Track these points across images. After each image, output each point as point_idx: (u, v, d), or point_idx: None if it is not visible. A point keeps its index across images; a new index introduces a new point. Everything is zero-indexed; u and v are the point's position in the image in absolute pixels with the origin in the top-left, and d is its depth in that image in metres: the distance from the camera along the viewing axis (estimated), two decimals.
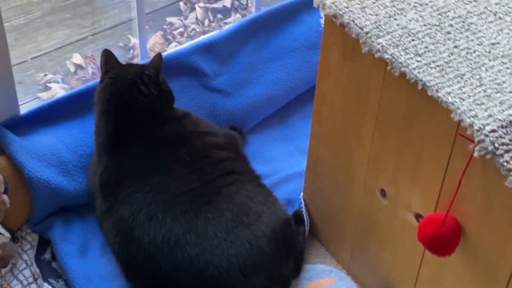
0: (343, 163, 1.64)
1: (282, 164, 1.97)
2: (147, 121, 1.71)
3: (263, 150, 2.01)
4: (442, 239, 1.35)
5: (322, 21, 1.52)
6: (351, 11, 1.46)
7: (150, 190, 1.63)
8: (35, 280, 1.71)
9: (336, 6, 1.47)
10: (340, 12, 1.46)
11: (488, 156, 1.23)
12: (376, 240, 1.63)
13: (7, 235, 1.70)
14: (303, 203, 1.82)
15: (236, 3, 2.55)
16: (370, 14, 1.45)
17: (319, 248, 1.82)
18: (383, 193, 1.55)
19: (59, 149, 1.81)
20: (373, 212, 1.60)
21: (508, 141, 1.23)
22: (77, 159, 1.82)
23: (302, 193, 1.83)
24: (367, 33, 1.41)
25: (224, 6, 2.54)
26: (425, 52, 1.38)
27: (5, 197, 1.66)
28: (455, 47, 1.39)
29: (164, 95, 1.76)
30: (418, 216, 1.47)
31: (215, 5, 2.54)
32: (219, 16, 2.52)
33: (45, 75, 2.33)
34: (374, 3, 1.48)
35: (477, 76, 1.34)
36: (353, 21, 1.44)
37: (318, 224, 1.82)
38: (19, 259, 1.73)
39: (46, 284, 1.70)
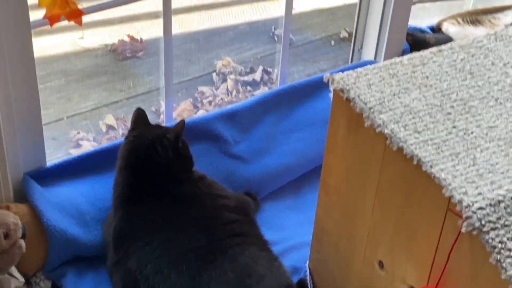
0: (346, 234, 1.69)
1: (292, 232, 2.02)
2: (163, 181, 1.79)
3: (275, 218, 2.07)
4: None
5: (330, 95, 1.60)
6: (357, 87, 1.54)
7: (158, 246, 1.70)
8: None
9: (344, 81, 1.55)
10: (347, 87, 1.54)
11: (474, 232, 1.28)
12: None
13: (22, 279, 1.78)
14: (308, 271, 1.86)
15: (266, 77, 2.66)
16: (375, 91, 1.53)
17: None
18: (381, 265, 1.59)
19: (79, 201, 1.90)
20: (372, 283, 1.64)
21: (495, 219, 1.28)
22: (96, 212, 1.91)
23: (308, 262, 1.88)
24: (370, 108, 1.49)
25: (254, 79, 2.65)
26: (424, 130, 1.44)
27: (22, 242, 1.74)
28: (454, 127, 1.45)
29: (182, 159, 1.84)
30: None
31: (245, 78, 2.66)
32: (249, 88, 2.62)
33: (78, 133, 2.44)
34: (380, 81, 1.56)
35: (472, 156, 1.39)
36: (359, 96, 1.51)
37: None
38: None
39: None
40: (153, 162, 1.78)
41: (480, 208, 1.28)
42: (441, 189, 1.34)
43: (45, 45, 2.74)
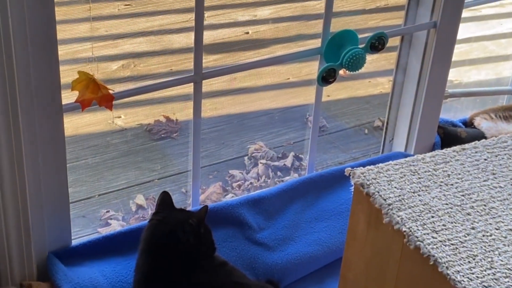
0: None
1: None
2: (183, 266, 1.80)
3: None
4: None
5: (352, 189, 1.60)
6: (378, 182, 1.54)
7: None
8: None
9: (364, 176, 1.56)
10: (368, 183, 1.54)
11: None
12: None
13: None
14: None
15: (297, 163, 2.68)
16: (395, 187, 1.53)
17: None
18: None
19: (100, 282, 1.91)
20: None
21: None
22: None
23: None
24: (389, 204, 1.49)
25: (284, 165, 2.67)
26: (442, 229, 1.43)
27: None
28: (472, 228, 1.44)
29: (203, 245, 1.84)
30: None
31: (276, 163, 2.68)
32: (279, 173, 2.64)
33: (107, 211, 2.48)
34: (401, 178, 1.56)
35: (489, 259, 1.37)
36: (378, 192, 1.52)
37: None
38: None
39: None
40: (174, 248, 1.79)
41: None
42: None
43: (82, 123, 2.81)
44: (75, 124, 2.72)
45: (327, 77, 2.11)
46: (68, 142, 2.54)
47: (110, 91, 1.78)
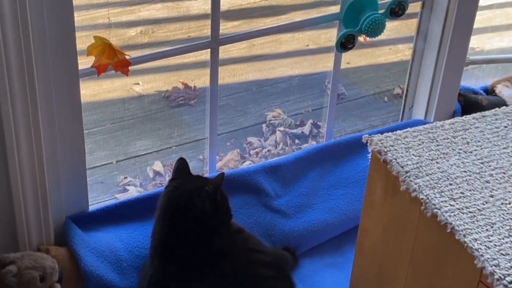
0: None
1: None
2: (199, 233, 1.79)
3: (313, 275, 2.05)
4: None
5: (369, 156, 1.59)
6: (395, 149, 1.52)
7: None
8: None
9: (382, 143, 1.54)
10: (385, 150, 1.52)
11: None
12: None
13: None
14: None
15: (315, 130, 2.66)
16: (413, 155, 1.51)
17: None
18: None
19: (117, 248, 1.92)
20: None
21: None
22: (133, 259, 1.92)
23: None
24: (407, 172, 1.47)
25: (302, 132, 2.65)
26: (460, 197, 1.42)
27: (58, 286, 1.77)
28: (491, 196, 1.42)
29: (219, 212, 1.84)
30: None
31: (294, 131, 2.66)
32: (297, 141, 2.62)
33: (125, 177, 2.48)
34: (419, 145, 1.54)
35: (507, 227, 1.36)
36: (396, 160, 1.50)
37: None
38: None
39: None
40: (190, 215, 1.79)
41: None
42: (473, 260, 1.31)
43: (100, 89, 2.80)
44: (93, 91, 2.71)
45: (346, 43, 2.09)
46: (86, 108, 2.54)
47: (126, 57, 1.77)
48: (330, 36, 3.03)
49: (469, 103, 2.44)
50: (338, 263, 2.09)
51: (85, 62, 1.81)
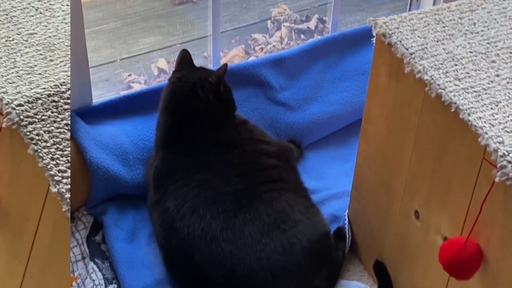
0: (384, 183, 1.66)
1: (335, 181, 2.00)
2: (203, 124, 1.79)
3: (319, 166, 2.05)
4: (460, 262, 1.35)
5: (373, 40, 1.56)
6: (400, 32, 1.49)
7: (196, 186, 1.71)
8: (83, 258, 1.81)
9: (386, 26, 1.51)
10: (390, 32, 1.50)
11: (508, 182, 1.24)
12: (408, 261, 1.64)
13: None
14: (347, 220, 1.85)
15: (321, 25, 2.62)
16: (418, 36, 1.48)
17: (357, 266, 1.85)
18: (417, 215, 1.57)
19: (122, 140, 1.92)
20: (408, 233, 1.62)
21: None
22: (138, 152, 1.93)
23: (347, 211, 1.86)
24: (411, 54, 1.45)
25: (308, 27, 2.61)
26: (465, 77, 1.40)
27: None
28: (497, 75, 1.40)
29: (223, 103, 1.83)
30: (445, 240, 1.48)
31: (299, 26, 2.62)
32: (302, 36, 2.59)
33: (130, 75, 2.46)
34: (425, 27, 1.51)
35: None
36: (400, 42, 1.47)
37: (358, 242, 1.84)
38: (71, 237, 1.84)
39: (92, 263, 1.80)
40: (193, 106, 1.78)
41: None
42: (477, 138, 1.30)
43: None
44: None
45: None
46: (89, 6, 2.50)
47: None
48: None
49: None
50: (343, 155, 2.10)
51: None
